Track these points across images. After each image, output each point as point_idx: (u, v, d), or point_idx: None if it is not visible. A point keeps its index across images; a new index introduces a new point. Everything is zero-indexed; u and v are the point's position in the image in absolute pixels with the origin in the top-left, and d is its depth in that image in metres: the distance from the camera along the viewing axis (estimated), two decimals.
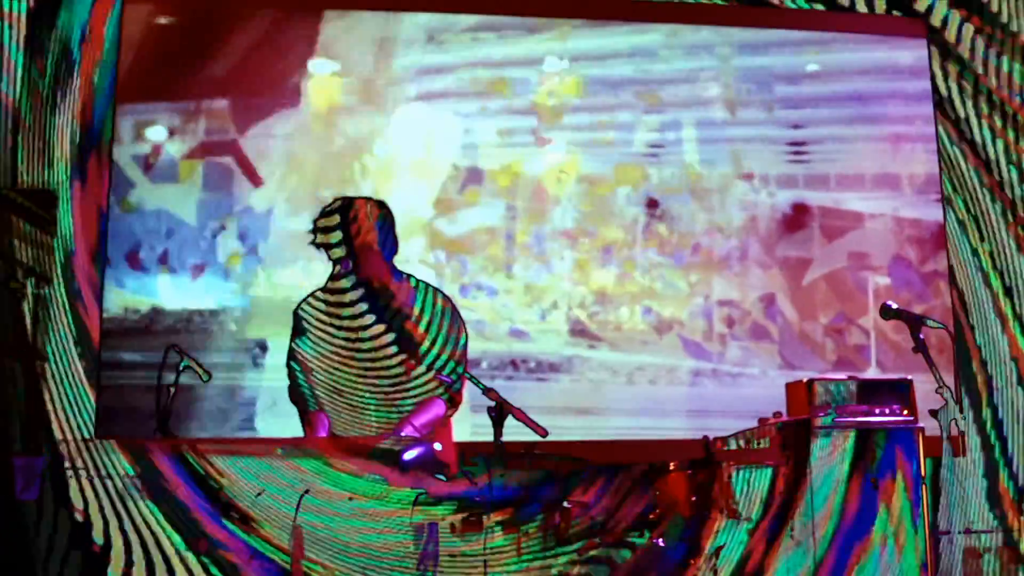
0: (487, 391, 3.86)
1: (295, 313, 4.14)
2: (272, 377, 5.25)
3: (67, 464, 4.72)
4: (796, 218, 6.28)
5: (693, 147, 6.23)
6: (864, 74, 6.50)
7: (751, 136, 6.32)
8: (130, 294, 5.57)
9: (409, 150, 5.91)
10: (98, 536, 4.15)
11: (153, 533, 4.01)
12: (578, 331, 5.95)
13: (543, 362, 5.86)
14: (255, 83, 5.81)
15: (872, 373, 6.09)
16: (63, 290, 5.42)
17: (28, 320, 5.30)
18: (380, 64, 5.96)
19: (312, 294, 4.14)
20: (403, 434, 3.62)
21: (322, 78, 5.90)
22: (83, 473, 4.59)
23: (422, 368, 3.94)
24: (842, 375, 4.33)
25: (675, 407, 5.96)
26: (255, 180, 5.74)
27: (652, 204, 6.10)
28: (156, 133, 5.72)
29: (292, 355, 4.07)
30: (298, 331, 4.08)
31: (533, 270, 5.95)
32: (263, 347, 5.50)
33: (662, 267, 6.09)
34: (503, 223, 5.98)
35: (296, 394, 4.01)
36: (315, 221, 4.08)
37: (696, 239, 6.15)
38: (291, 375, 4.05)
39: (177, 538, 3.81)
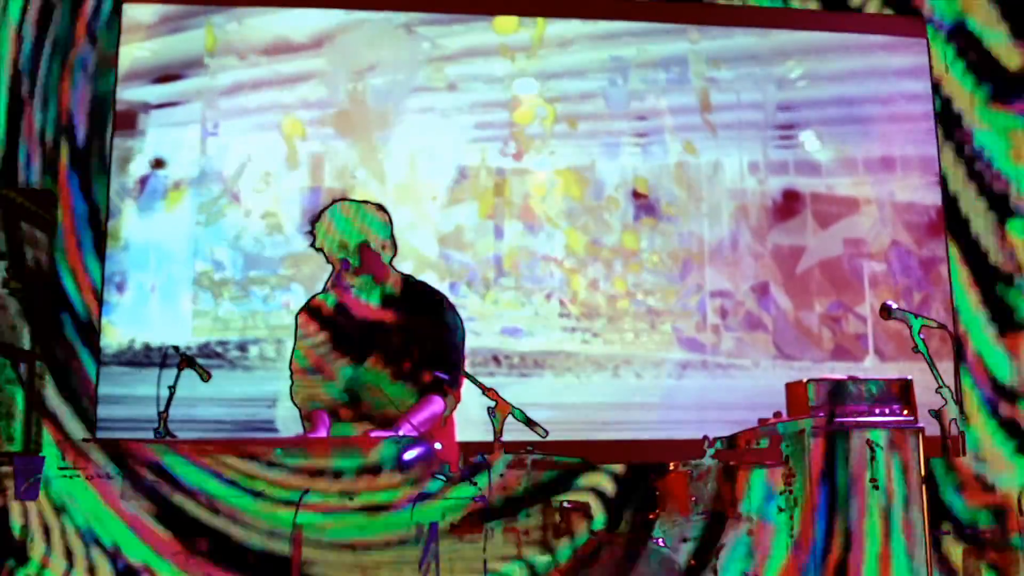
0: (487, 391, 3.86)
1: (297, 316, 4.14)
2: None
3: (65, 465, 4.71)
4: (787, 205, 6.22)
5: (680, 135, 6.18)
6: (855, 51, 6.42)
7: (738, 122, 6.25)
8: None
9: (398, 151, 5.90)
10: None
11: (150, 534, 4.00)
12: (568, 327, 5.92)
13: (527, 357, 5.82)
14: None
15: (870, 361, 6.04)
16: (63, 290, 5.42)
17: (28, 320, 5.30)
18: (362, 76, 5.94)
19: (313, 297, 4.15)
20: (402, 433, 3.62)
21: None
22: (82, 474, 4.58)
23: (420, 367, 3.93)
24: (842, 375, 4.33)
25: (664, 400, 5.93)
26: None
27: (639, 195, 6.06)
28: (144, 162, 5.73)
29: (294, 357, 4.08)
30: (300, 334, 4.09)
31: (521, 265, 5.92)
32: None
33: (652, 258, 6.05)
34: (491, 218, 5.95)
35: (298, 394, 4.02)
36: (312, 223, 4.07)
37: (686, 229, 6.10)
38: (293, 376, 4.06)
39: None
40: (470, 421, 4.08)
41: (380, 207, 4.12)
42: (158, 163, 5.70)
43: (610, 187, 6.05)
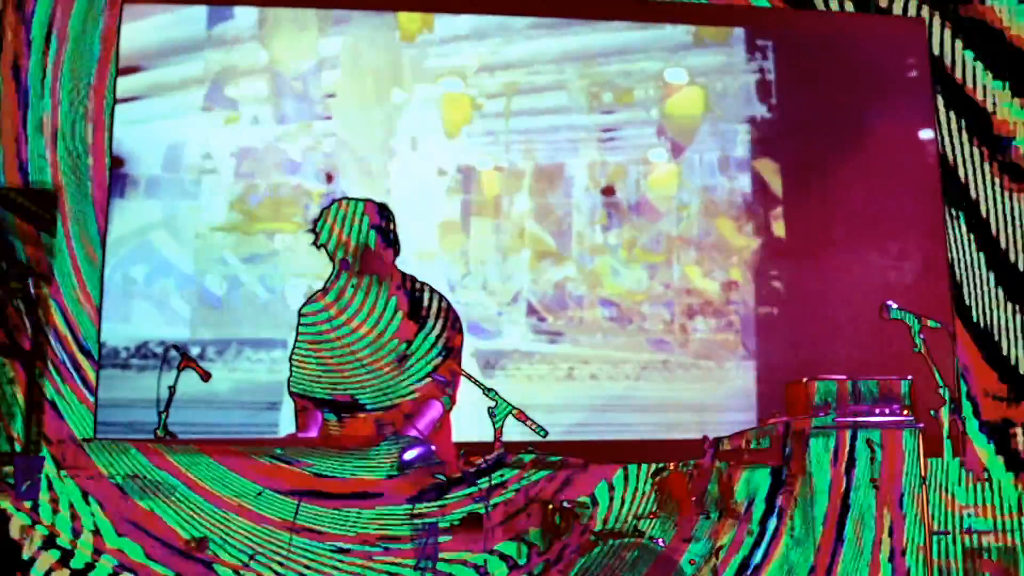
0: (487, 391, 3.86)
1: (299, 312, 4.15)
2: None
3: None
4: (758, 203, 6.16)
5: (648, 130, 6.14)
6: (830, 47, 6.35)
7: (707, 116, 6.21)
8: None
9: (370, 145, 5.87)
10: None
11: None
12: (536, 328, 5.88)
13: (482, 356, 5.75)
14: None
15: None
16: (63, 290, 5.42)
17: (28, 320, 5.29)
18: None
19: (315, 294, 4.15)
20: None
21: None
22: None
23: (419, 368, 3.94)
24: (842, 375, 4.32)
25: (618, 402, 5.88)
26: None
27: (608, 192, 6.03)
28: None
29: (294, 352, 4.09)
30: (300, 329, 4.09)
31: (489, 263, 5.87)
32: None
33: (619, 256, 6.00)
34: (458, 216, 5.92)
35: (295, 388, 4.02)
36: (315, 222, 4.08)
37: (654, 226, 6.06)
38: (292, 369, 4.07)
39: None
40: (470, 421, 4.07)
41: (383, 206, 4.12)
42: (117, 161, 5.61)
43: (579, 184, 6.01)
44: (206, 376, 4.11)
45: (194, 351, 5.45)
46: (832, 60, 6.34)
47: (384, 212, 4.08)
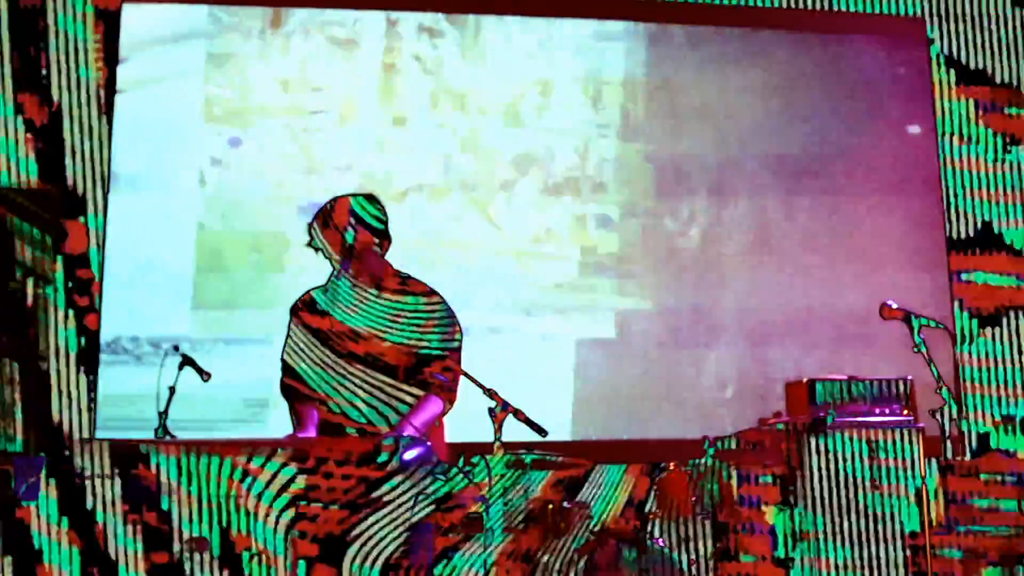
0: (487, 391, 3.86)
1: (291, 309, 4.14)
2: None
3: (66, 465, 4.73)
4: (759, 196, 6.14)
5: (643, 127, 6.11)
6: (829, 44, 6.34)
7: (704, 114, 6.17)
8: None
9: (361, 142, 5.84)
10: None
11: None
12: (529, 327, 5.84)
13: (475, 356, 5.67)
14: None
15: None
16: (63, 290, 5.42)
17: (28, 320, 5.30)
18: None
19: (309, 292, 4.14)
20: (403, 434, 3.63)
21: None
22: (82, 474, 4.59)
23: (416, 368, 3.94)
24: (842, 375, 4.32)
25: (618, 399, 5.87)
26: None
27: (601, 190, 6.00)
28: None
29: (286, 350, 4.08)
30: (293, 327, 4.09)
31: (481, 262, 5.84)
32: None
33: (613, 254, 5.97)
34: (452, 215, 5.88)
35: (288, 388, 4.01)
36: (310, 224, 4.08)
37: (650, 223, 6.03)
38: (284, 369, 4.06)
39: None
40: (469, 421, 4.07)
41: (375, 200, 4.10)
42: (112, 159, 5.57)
43: (571, 178, 5.98)
44: (206, 376, 4.10)
45: (186, 349, 5.44)
46: (831, 60, 6.34)
47: (376, 206, 4.07)
